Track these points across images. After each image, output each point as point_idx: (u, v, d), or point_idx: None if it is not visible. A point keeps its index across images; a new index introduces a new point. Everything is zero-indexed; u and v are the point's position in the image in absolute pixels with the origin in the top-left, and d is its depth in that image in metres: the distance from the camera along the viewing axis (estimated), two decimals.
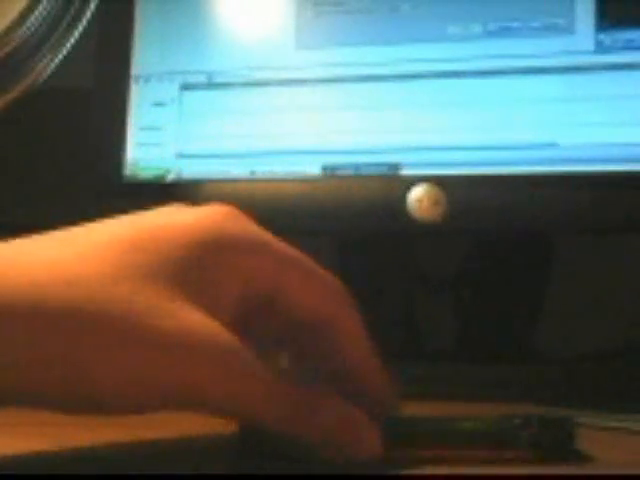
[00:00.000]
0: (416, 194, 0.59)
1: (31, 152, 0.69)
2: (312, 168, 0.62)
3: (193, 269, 0.35)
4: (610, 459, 0.42)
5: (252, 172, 0.63)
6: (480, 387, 0.58)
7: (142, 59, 0.67)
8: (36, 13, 0.66)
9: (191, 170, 0.65)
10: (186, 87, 0.66)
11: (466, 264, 0.66)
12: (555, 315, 0.68)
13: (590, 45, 0.58)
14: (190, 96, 0.66)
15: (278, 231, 0.68)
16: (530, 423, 0.42)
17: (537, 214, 0.58)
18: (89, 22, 0.67)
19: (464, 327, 0.65)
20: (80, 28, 0.67)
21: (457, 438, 0.41)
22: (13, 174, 0.68)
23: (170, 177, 0.65)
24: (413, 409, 0.47)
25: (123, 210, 0.67)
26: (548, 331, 0.66)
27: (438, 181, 0.59)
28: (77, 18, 0.68)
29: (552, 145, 0.58)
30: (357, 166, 0.61)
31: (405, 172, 0.60)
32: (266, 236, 0.40)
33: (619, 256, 0.70)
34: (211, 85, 0.65)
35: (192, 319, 0.34)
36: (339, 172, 0.62)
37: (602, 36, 0.58)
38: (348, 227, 0.62)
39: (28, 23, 0.66)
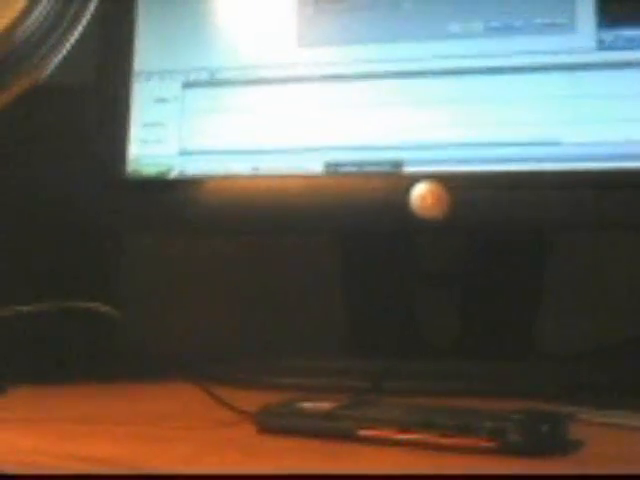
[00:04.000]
0: (419, 191, 0.59)
1: (33, 150, 0.69)
2: (315, 165, 0.62)
3: None
4: (602, 454, 0.42)
5: (254, 169, 0.63)
6: (480, 383, 0.58)
7: (144, 56, 0.67)
8: (37, 11, 0.66)
9: (193, 167, 0.65)
10: (188, 84, 0.66)
11: (468, 261, 0.66)
12: (555, 312, 0.68)
13: (591, 43, 0.59)
14: (192, 93, 0.66)
15: (280, 228, 0.68)
16: (521, 417, 0.42)
17: (539, 211, 0.58)
18: (91, 20, 0.67)
19: (465, 323, 0.65)
20: (82, 26, 0.67)
21: (423, 423, 0.42)
22: (15, 172, 0.68)
23: (173, 174, 0.65)
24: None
25: (126, 206, 0.68)
26: (549, 328, 0.66)
27: (440, 178, 0.59)
28: (78, 16, 0.68)
29: (554, 142, 0.58)
30: (360, 163, 0.61)
31: (408, 169, 0.60)
32: None
33: (620, 254, 0.70)
34: (213, 82, 0.65)
35: None
36: (342, 169, 0.62)
37: (603, 34, 0.58)
38: (350, 224, 0.62)
39: (29, 21, 0.66)
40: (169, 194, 0.65)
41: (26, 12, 0.65)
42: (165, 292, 0.79)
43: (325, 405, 0.46)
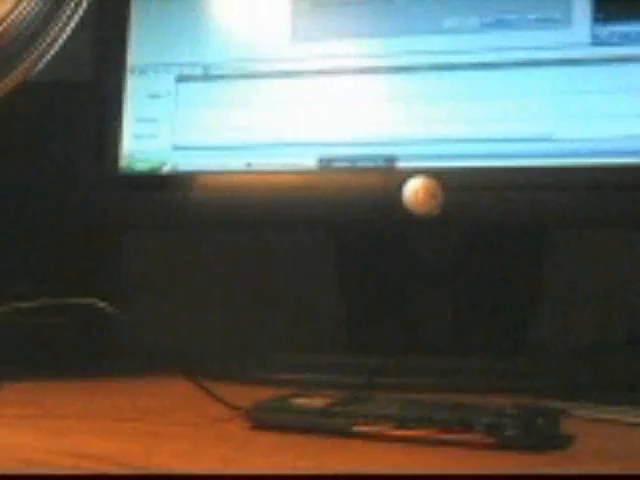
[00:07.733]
0: (412, 186, 0.59)
1: (26, 144, 0.69)
2: (308, 160, 0.62)
3: None
4: (597, 450, 0.42)
5: (248, 164, 0.63)
6: (477, 379, 0.58)
7: (138, 51, 0.66)
8: (29, 6, 0.66)
9: (187, 162, 0.65)
10: (182, 79, 0.66)
11: (462, 256, 0.66)
12: (551, 308, 0.68)
13: (586, 38, 0.59)
14: (186, 88, 0.65)
15: (274, 223, 0.68)
16: (518, 412, 0.42)
17: (533, 206, 0.58)
18: (85, 15, 0.66)
19: (460, 319, 0.65)
20: (75, 21, 0.67)
21: (419, 419, 0.42)
22: (7, 167, 0.68)
23: (166, 169, 0.65)
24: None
25: (118, 201, 0.67)
26: (545, 324, 0.66)
27: (434, 173, 0.59)
28: (72, 11, 0.68)
29: (548, 138, 0.58)
30: (353, 158, 0.61)
31: (401, 164, 0.60)
32: None
33: (613, 249, 0.70)
34: (207, 77, 0.65)
35: None
36: (335, 164, 0.62)
37: (598, 29, 0.58)
38: (344, 219, 0.62)
39: (21, 16, 0.66)
40: (162, 190, 0.65)
41: (17, 7, 0.65)
42: (160, 288, 0.79)
43: (319, 401, 0.46)
